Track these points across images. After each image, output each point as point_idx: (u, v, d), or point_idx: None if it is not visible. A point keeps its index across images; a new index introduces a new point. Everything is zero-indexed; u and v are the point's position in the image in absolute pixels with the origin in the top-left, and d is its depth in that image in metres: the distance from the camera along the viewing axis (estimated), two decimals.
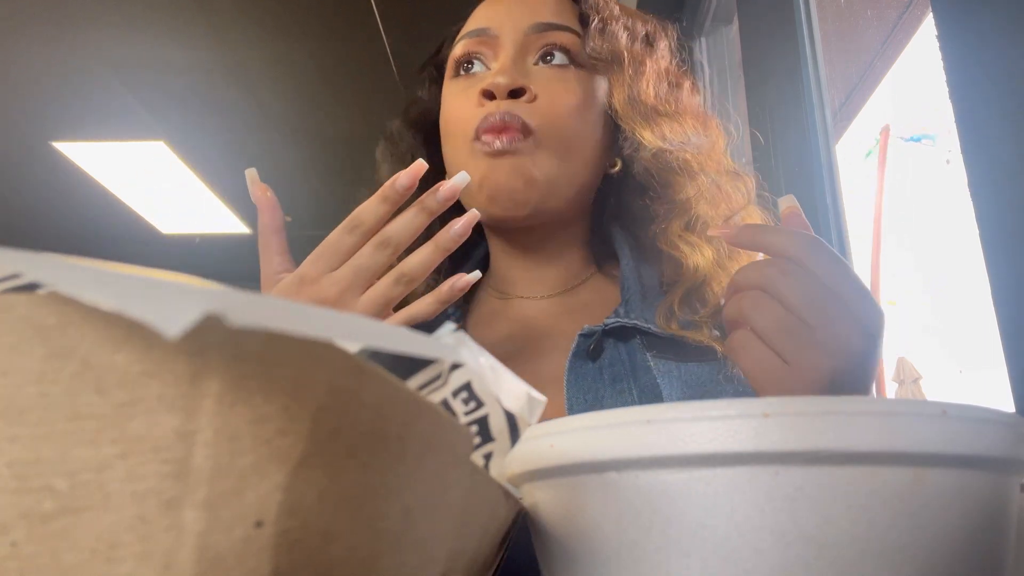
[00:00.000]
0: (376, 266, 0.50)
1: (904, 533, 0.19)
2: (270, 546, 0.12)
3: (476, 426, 0.26)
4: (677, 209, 0.65)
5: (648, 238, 0.67)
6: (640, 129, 0.64)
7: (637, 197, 0.68)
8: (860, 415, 0.19)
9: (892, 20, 1.21)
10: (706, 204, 0.64)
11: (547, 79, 0.63)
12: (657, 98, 0.66)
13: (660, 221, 0.65)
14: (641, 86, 0.66)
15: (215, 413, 0.12)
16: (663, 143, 0.64)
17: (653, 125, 0.65)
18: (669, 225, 0.65)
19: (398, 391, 0.15)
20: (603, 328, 0.61)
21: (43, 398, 0.12)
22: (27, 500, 0.12)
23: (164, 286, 0.13)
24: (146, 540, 0.12)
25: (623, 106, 0.65)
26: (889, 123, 1.32)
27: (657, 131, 0.64)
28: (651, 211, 0.66)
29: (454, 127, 0.64)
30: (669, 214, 0.65)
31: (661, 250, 0.65)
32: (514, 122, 0.60)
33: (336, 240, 0.51)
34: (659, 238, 0.65)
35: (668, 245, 0.64)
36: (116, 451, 0.12)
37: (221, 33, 2.33)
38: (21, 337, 0.13)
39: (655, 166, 0.65)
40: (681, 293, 0.62)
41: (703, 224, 0.64)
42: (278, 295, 0.53)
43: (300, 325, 0.13)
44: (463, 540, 0.19)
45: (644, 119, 0.65)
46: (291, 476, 0.13)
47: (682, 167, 0.64)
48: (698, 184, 0.64)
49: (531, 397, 0.24)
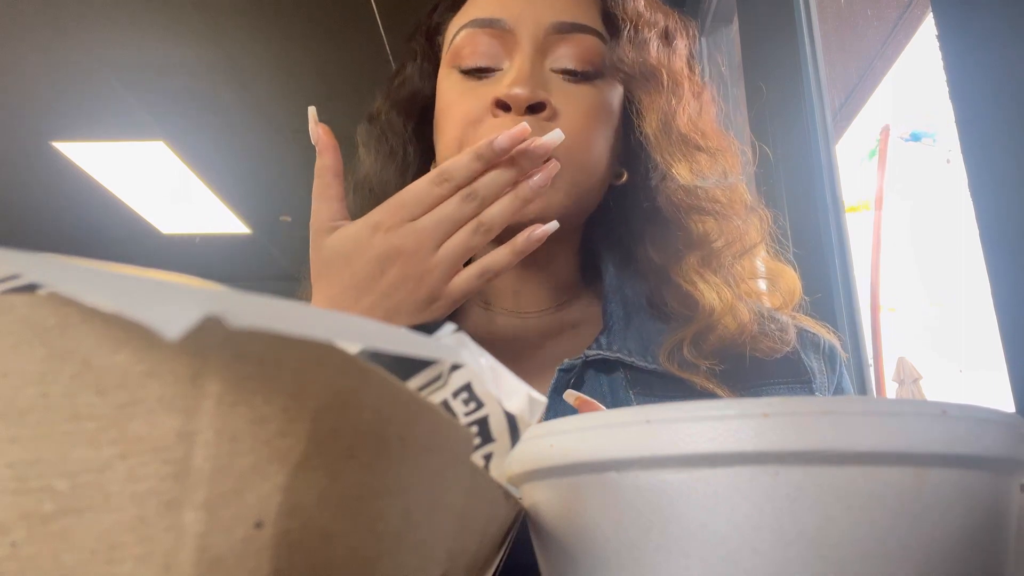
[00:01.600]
0: (461, 217, 0.49)
1: (904, 533, 0.19)
2: (270, 547, 0.12)
3: (476, 427, 0.26)
4: (695, 241, 0.60)
5: (645, 255, 0.62)
6: (676, 164, 0.59)
7: (644, 216, 0.63)
8: (860, 415, 0.19)
9: (892, 20, 1.21)
10: (724, 243, 0.60)
11: (569, 94, 0.57)
12: (691, 126, 0.61)
13: (673, 250, 0.60)
14: (679, 112, 0.60)
15: (215, 414, 0.12)
16: (699, 181, 0.59)
17: (690, 160, 0.59)
18: (685, 257, 0.60)
19: (398, 392, 0.15)
20: (583, 360, 0.57)
21: (43, 399, 0.12)
22: (27, 501, 0.12)
23: (164, 287, 0.13)
24: (146, 541, 0.12)
25: (657, 134, 0.59)
26: (889, 123, 1.32)
27: (695, 167, 0.59)
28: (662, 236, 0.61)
29: (456, 134, 0.58)
30: (685, 245, 0.60)
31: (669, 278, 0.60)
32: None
33: (422, 190, 0.49)
34: (671, 267, 0.60)
35: (683, 278, 0.59)
36: (116, 452, 0.12)
37: (221, 33, 2.33)
38: (21, 338, 0.13)
39: (684, 201, 0.59)
40: (692, 333, 0.57)
41: (718, 261, 0.60)
42: (342, 244, 0.50)
43: (300, 326, 0.13)
44: (463, 540, 0.19)
45: (681, 153, 0.59)
46: (291, 477, 0.13)
47: (713, 207, 0.59)
48: (723, 226, 0.60)
49: (531, 398, 0.24)
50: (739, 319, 0.57)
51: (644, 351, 0.58)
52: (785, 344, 0.58)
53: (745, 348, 0.57)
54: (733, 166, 0.62)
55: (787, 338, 0.58)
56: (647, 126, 0.59)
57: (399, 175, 0.65)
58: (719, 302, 0.57)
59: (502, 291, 0.64)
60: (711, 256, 0.60)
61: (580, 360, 0.57)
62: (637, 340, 0.59)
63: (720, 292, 0.58)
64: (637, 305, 0.62)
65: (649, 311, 0.62)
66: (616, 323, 0.60)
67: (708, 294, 0.58)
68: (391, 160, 0.65)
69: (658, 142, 0.59)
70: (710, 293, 0.58)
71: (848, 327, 1.00)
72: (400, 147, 0.66)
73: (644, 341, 0.59)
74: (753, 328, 0.57)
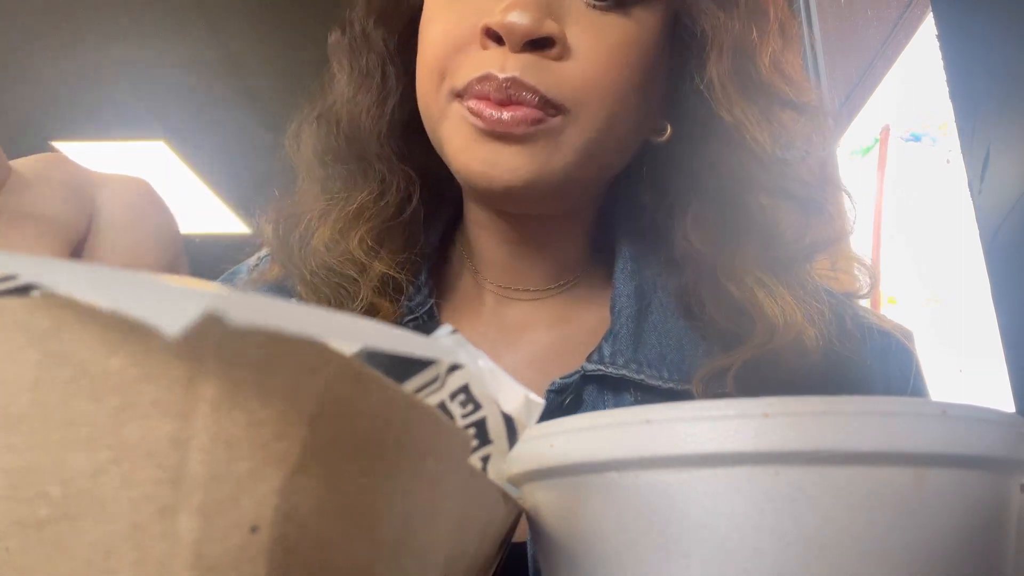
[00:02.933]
0: None
1: (904, 533, 0.19)
2: (266, 552, 0.12)
3: (474, 428, 0.26)
4: (762, 232, 0.45)
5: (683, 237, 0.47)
6: (751, 124, 0.44)
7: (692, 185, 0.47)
8: (860, 415, 0.19)
9: (892, 20, 1.21)
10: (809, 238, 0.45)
11: (591, 25, 0.41)
12: (775, 70, 0.45)
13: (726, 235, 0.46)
14: (760, 48, 0.44)
15: (210, 418, 0.12)
16: (783, 152, 0.44)
17: (772, 119, 0.44)
18: (742, 249, 0.45)
19: (396, 395, 0.14)
20: (580, 375, 0.45)
21: (37, 404, 0.12)
22: (21, 507, 0.12)
23: (162, 286, 0.13)
24: (141, 547, 0.12)
25: (725, 77, 0.43)
26: (889, 123, 1.32)
27: (778, 130, 0.44)
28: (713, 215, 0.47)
29: (433, 61, 0.44)
30: (745, 233, 0.45)
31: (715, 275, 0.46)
32: (528, 98, 0.40)
33: None
34: (720, 260, 0.45)
35: (734, 280, 0.45)
36: (110, 457, 0.12)
37: (221, 33, 2.33)
38: (15, 343, 0.12)
39: (758, 178, 0.45)
40: (742, 360, 0.43)
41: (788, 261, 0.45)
42: None
43: (299, 325, 0.12)
44: (462, 543, 0.19)
45: (761, 108, 0.44)
46: (288, 481, 0.12)
47: (797, 187, 0.45)
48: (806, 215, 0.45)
49: (529, 400, 0.24)
50: (803, 347, 0.43)
51: (661, 362, 0.46)
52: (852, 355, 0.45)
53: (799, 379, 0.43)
54: (827, 133, 0.47)
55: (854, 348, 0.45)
56: (711, 66, 0.43)
57: (376, 104, 0.51)
58: (782, 321, 0.43)
59: (493, 264, 0.52)
60: (782, 255, 0.45)
61: (576, 376, 0.45)
62: (653, 348, 0.46)
63: (785, 307, 0.43)
64: (659, 298, 0.49)
65: (678, 310, 0.48)
66: (625, 323, 0.47)
67: (769, 308, 0.43)
68: (366, 83, 0.51)
69: (725, 90, 0.44)
70: (772, 307, 0.43)
71: None
72: (378, 67, 0.51)
73: (663, 348, 0.46)
74: (814, 357, 0.43)
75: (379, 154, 0.51)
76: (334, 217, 0.50)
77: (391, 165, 0.51)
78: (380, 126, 0.51)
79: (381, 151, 0.51)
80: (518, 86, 0.40)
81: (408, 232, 0.52)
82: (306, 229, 0.50)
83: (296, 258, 0.50)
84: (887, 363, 0.49)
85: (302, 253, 0.50)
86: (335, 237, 0.49)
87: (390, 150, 0.51)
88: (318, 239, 0.49)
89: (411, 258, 0.51)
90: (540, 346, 0.51)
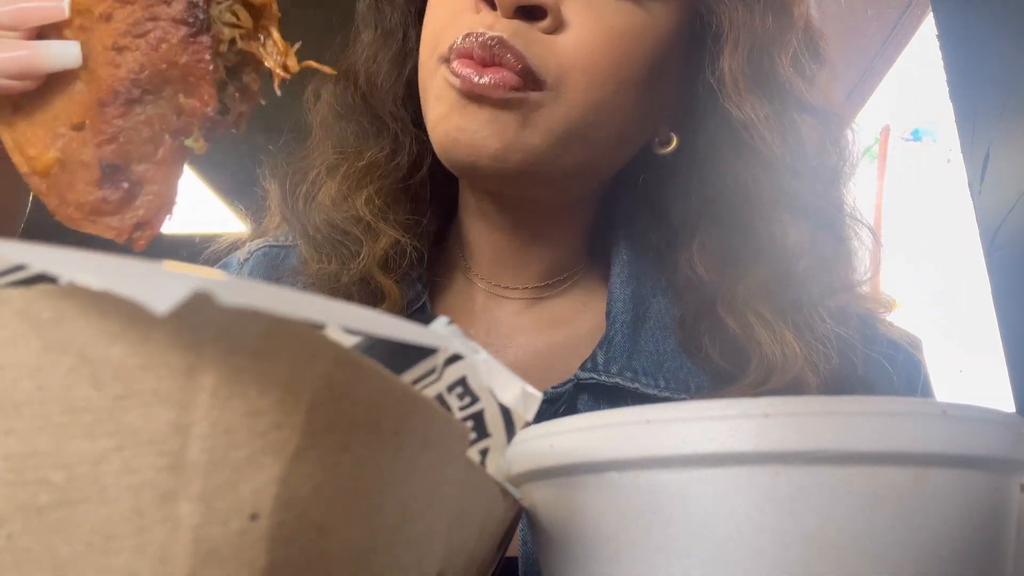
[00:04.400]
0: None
1: (904, 533, 0.19)
2: (265, 539, 0.12)
3: (472, 421, 0.26)
4: (768, 256, 0.42)
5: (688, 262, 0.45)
6: (763, 125, 0.41)
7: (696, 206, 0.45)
8: (860, 415, 0.19)
9: (892, 20, 1.21)
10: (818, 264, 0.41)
11: (593, 6, 0.40)
12: (796, 71, 0.42)
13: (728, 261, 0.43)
14: (779, 45, 0.41)
15: (210, 406, 0.12)
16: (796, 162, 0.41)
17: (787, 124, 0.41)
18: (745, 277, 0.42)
19: (393, 385, 0.15)
20: (574, 383, 0.44)
21: (39, 392, 0.12)
22: (23, 493, 0.12)
23: (154, 267, 0.13)
24: (142, 532, 0.12)
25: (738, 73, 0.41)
26: (889, 123, 1.32)
27: (793, 136, 0.41)
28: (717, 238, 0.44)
29: (430, 27, 0.43)
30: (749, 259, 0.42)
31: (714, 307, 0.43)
32: (510, 61, 0.38)
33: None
34: (720, 289, 0.43)
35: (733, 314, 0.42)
36: (112, 444, 0.12)
37: None
38: (17, 331, 0.13)
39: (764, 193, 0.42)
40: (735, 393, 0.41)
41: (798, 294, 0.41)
42: None
43: (291, 308, 0.13)
44: (460, 537, 0.19)
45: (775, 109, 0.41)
46: (286, 469, 0.13)
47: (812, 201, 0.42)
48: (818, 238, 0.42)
49: (526, 392, 0.24)
50: (803, 382, 0.40)
51: (658, 370, 0.44)
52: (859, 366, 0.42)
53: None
54: (847, 148, 0.44)
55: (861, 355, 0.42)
56: (725, 58, 0.41)
57: (395, 64, 0.50)
58: (781, 362, 0.40)
59: (483, 257, 0.50)
60: (788, 285, 0.41)
61: (569, 384, 0.44)
62: (650, 356, 0.45)
63: (786, 348, 0.40)
64: (657, 305, 0.47)
65: (677, 334, 0.46)
66: (620, 329, 0.45)
67: (768, 347, 0.40)
68: (387, 43, 0.50)
69: (737, 84, 0.41)
70: (771, 344, 0.40)
71: None
72: (400, 27, 0.50)
73: (660, 356, 0.45)
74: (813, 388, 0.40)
75: (393, 113, 0.49)
76: (343, 172, 0.48)
77: (404, 126, 0.50)
78: (397, 88, 0.50)
79: (396, 111, 0.50)
80: (502, 46, 0.38)
81: (415, 201, 0.50)
82: (313, 183, 0.49)
83: (300, 213, 0.49)
84: (894, 371, 0.46)
85: (307, 208, 0.48)
86: (343, 192, 0.48)
87: (404, 112, 0.50)
88: (324, 193, 0.48)
89: (415, 230, 0.49)
90: (531, 351, 0.49)
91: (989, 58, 0.54)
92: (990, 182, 0.55)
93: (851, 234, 0.44)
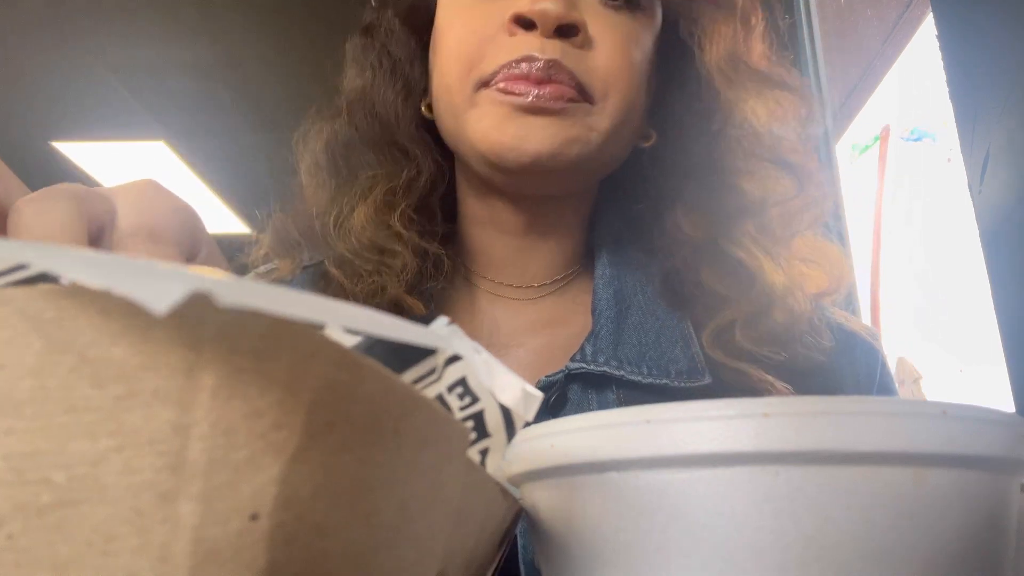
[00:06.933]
0: None
1: (904, 533, 0.19)
2: (265, 539, 0.12)
3: (472, 421, 0.26)
4: (753, 207, 0.49)
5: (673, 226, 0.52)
6: (750, 99, 0.49)
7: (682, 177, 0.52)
8: (860, 415, 0.19)
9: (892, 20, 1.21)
10: (790, 208, 0.50)
11: (607, 21, 0.47)
12: (767, 59, 0.51)
13: (722, 215, 0.50)
14: (753, 42, 0.50)
15: (210, 407, 0.12)
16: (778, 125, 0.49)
17: (767, 98, 0.49)
18: (739, 224, 0.49)
19: (394, 385, 0.15)
20: (564, 374, 0.48)
21: (40, 391, 0.12)
22: (24, 493, 0.12)
23: (153, 267, 0.13)
24: (142, 533, 0.12)
25: (723, 64, 0.49)
26: (889, 123, 1.32)
27: (773, 106, 0.49)
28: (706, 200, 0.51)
29: (459, 54, 0.47)
30: (741, 208, 0.50)
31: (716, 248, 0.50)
32: (564, 78, 0.44)
33: None
34: (720, 236, 0.50)
35: (739, 247, 0.49)
36: (113, 444, 0.12)
37: (221, 33, 2.34)
38: (18, 331, 0.13)
39: (754, 151, 0.49)
40: (746, 314, 0.47)
41: (780, 231, 0.49)
42: None
43: (290, 308, 0.13)
44: (460, 537, 0.19)
45: (755, 87, 0.49)
46: (286, 470, 0.13)
47: (789, 160, 0.50)
48: (795, 185, 0.49)
49: (526, 392, 0.24)
50: (794, 308, 0.47)
51: (640, 358, 0.49)
52: (821, 354, 0.49)
53: (795, 346, 0.47)
54: (815, 113, 0.52)
55: (823, 345, 0.49)
56: (711, 55, 0.49)
57: (407, 95, 0.55)
58: (782, 280, 0.47)
59: (488, 259, 0.55)
60: (771, 222, 0.49)
61: (561, 375, 0.48)
62: (633, 347, 0.49)
63: (782, 268, 0.48)
64: (639, 292, 0.52)
65: (658, 294, 0.52)
66: (605, 324, 0.50)
67: (769, 268, 0.48)
68: (396, 80, 0.55)
69: (723, 75, 0.49)
70: (771, 267, 0.48)
71: None
72: (407, 63, 0.55)
73: (641, 345, 0.49)
74: (804, 325, 0.48)
75: (413, 138, 0.54)
76: (375, 194, 0.52)
77: (423, 148, 0.54)
78: (410, 115, 0.54)
79: (413, 135, 0.54)
80: (558, 68, 0.44)
81: (433, 216, 0.55)
82: (342, 210, 0.53)
83: (332, 240, 0.52)
84: (854, 360, 0.52)
85: (340, 233, 0.52)
86: (380, 211, 0.52)
87: (420, 135, 0.54)
88: (358, 217, 0.52)
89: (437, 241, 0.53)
90: (531, 350, 0.53)
91: (989, 58, 0.54)
92: (990, 182, 0.55)
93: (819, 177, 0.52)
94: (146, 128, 2.95)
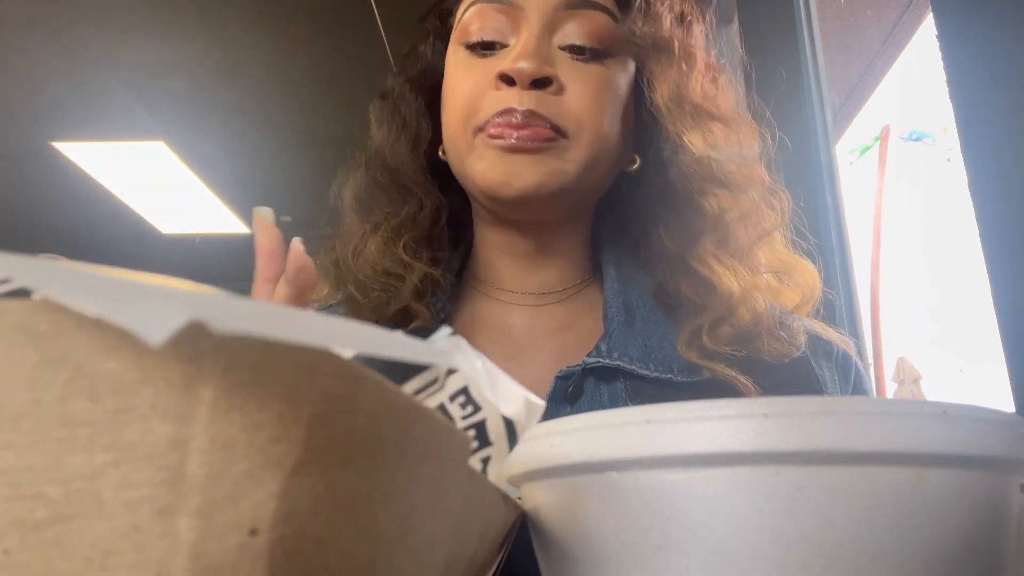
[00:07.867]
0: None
1: (904, 533, 0.19)
2: (265, 554, 0.12)
3: (474, 430, 0.25)
4: (710, 220, 0.58)
5: (658, 242, 0.60)
6: (688, 132, 0.57)
7: (658, 199, 0.61)
8: (860, 415, 0.19)
9: (892, 20, 1.21)
10: (740, 222, 0.58)
11: (576, 71, 0.56)
12: (704, 96, 0.59)
13: (688, 233, 0.58)
14: (691, 82, 0.58)
15: (209, 420, 0.12)
16: (712, 151, 0.57)
17: (704, 129, 0.58)
18: (701, 240, 0.57)
19: (395, 396, 0.14)
20: (582, 367, 0.54)
21: (36, 405, 0.12)
22: (20, 508, 0.12)
23: (150, 291, 0.12)
24: (139, 548, 0.12)
25: (668, 104, 0.58)
26: (889, 123, 1.32)
27: (708, 136, 0.58)
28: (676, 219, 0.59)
29: (459, 107, 0.57)
30: (700, 226, 0.58)
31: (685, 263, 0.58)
32: (540, 124, 0.54)
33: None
34: (687, 252, 0.58)
35: (699, 262, 0.57)
36: (109, 458, 0.12)
37: (221, 34, 2.33)
38: (13, 344, 0.12)
39: (698, 174, 0.58)
40: (709, 320, 0.55)
41: (735, 241, 0.57)
42: None
43: (289, 332, 0.12)
44: (461, 545, 0.19)
45: (694, 120, 0.58)
46: (286, 483, 0.12)
47: (727, 179, 0.58)
48: (739, 201, 0.58)
49: (528, 401, 0.24)
50: (755, 309, 0.55)
51: (646, 357, 0.56)
52: (795, 348, 0.55)
53: (761, 343, 0.54)
54: (749, 141, 0.60)
55: (797, 342, 0.55)
56: (658, 96, 0.58)
57: (411, 149, 0.65)
58: (737, 287, 0.55)
59: (501, 274, 0.63)
60: (727, 236, 0.57)
61: (579, 367, 0.55)
62: (639, 345, 0.57)
63: (738, 276, 0.56)
64: (641, 304, 0.60)
65: (656, 306, 0.59)
66: (617, 328, 0.57)
67: (726, 278, 0.55)
68: (404, 134, 0.66)
69: (669, 112, 0.58)
70: (727, 277, 0.55)
71: (848, 327, 1.00)
72: (414, 120, 0.66)
73: (647, 347, 0.57)
74: (768, 321, 0.55)
75: (416, 182, 0.64)
76: (383, 229, 0.63)
77: (426, 190, 0.64)
78: (417, 162, 0.65)
79: (418, 179, 0.64)
80: (534, 115, 0.54)
81: (439, 244, 0.65)
82: (360, 242, 0.63)
83: (351, 265, 0.62)
84: (830, 360, 0.59)
85: (357, 261, 0.62)
86: (386, 243, 0.62)
87: (424, 179, 0.65)
88: (371, 247, 0.62)
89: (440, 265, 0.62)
90: (547, 348, 0.60)
91: (989, 58, 0.54)
92: (990, 182, 0.55)
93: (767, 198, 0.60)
94: (146, 128, 2.94)
